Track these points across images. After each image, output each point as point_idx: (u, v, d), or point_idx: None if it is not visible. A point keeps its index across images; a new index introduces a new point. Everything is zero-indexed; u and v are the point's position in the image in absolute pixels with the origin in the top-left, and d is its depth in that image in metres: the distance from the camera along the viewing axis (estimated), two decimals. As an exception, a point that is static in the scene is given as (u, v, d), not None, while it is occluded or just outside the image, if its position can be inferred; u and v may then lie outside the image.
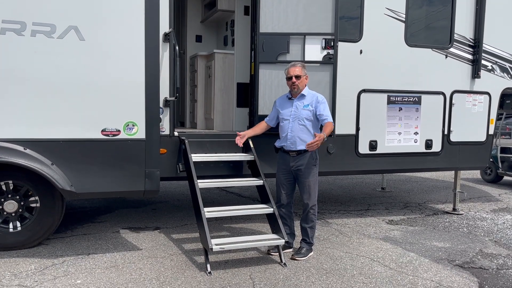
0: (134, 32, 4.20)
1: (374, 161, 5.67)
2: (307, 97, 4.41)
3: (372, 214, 6.41)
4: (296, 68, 4.37)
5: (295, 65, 4.41)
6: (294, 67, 4.38)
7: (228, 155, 4.88)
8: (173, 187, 8.06)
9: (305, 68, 4.45)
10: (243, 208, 4.67)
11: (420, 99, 5.78)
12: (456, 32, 5.89)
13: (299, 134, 4.36)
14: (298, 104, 4.40)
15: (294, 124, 4.37)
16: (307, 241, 4.49)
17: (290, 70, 4.38)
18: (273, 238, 4.33)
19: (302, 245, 4.50)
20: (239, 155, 4.89)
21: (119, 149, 4.26)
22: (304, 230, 4.50)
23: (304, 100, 4.40)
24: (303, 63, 4.51)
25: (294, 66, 4.40)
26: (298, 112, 4.38)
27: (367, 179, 9.67)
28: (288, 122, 4.41)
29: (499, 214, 6.66)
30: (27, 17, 3.92)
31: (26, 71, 3.96)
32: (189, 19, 6.99)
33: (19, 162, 3.99)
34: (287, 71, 4.43)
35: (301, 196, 4.48)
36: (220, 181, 4.71)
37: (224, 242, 4.11)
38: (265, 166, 4.83)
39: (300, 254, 4.41)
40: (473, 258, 4.60)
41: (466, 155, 6.13)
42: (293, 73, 4.35)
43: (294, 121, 4.38)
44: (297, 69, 4.36)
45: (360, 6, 5.38)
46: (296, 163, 4.40)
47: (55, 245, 4.61)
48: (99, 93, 4.16)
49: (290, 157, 4.43)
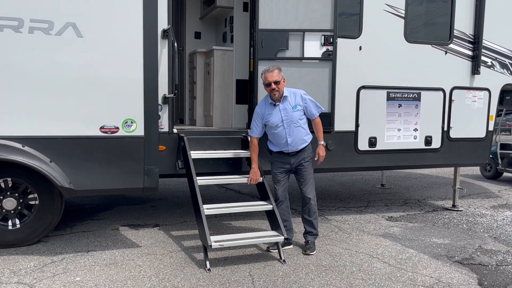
0: (133, 29, 4.18)
1: (374, 157, 5.67)
2: (289, 97, 4.36)
3: (371, 210, 6.41)
4: (274, 73, 4.24)
5: (271, 70, 4.27)
6: (271, 72, 4.25)
7: (227, 152, 4.87)
8: (172, 184, 8.05)
9: (281, 71, 4.33)
10: (243, 205, 4.66)
11: (419, 95, 5.76)
12: (456, 28, 5.87)
13: (298, 135, 4.38)
14: (285, 107, 4.34)
15: (291, 129, 4.35)
16: (313, 233, 4.52)
17: (268, 76, 4.25)
18: (272, 235, 4.32)
19: (308, 239, 4.52)
20: (238, 152, 4.89)
21: (117, 146, 4.25)
22: (309, 223, 4.51)
23: (289, 102, 4.35)
24: (278, 66, 4.37)
25: (271, 72, 4.25)
26: (290, 116, 4.33)
27: (366, 176, 9.67)
28: (282, 129, 4.35)
29: (498, 210, 6.66)
30: (25, 14, 3.90)
31: (24, 68, 3.95)
32: (188, 15, 6.97)
33: (17, 160, 3.98)
34: (264, 77, 4.30)
35: (302, 190, 4.48)
36: (219, 178, 4.70)
37: (223, 239, 4.11)
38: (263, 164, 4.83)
39: (311, 248, 4.46)
40: (472, 254, 4.60)
41: (465, 152, 6.12)
42: (271, 79, 4.23)
43: (289, 125, 4.34)
44: (274, 75, 4.23)
45: (360, 2, 5.35)
46: (297, 159, 4.42)
47: (54, 242, 4.61)
48: (97, 90, 4.14)
49: (289, 156, 4.43)
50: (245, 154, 4.82)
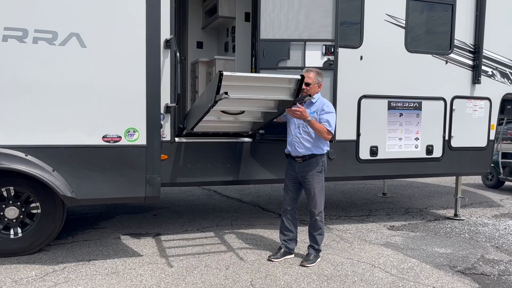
0: (135, 39, 4.22)
1: (375, 166, 5.67)
2: (315, 104, 4.37)
3: (373, 219, 6.40)
4: (309, 75, 4.29)
5: (308, 71, 4.34)
6: (307, 73, 4.30)
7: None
8: (174, 193, 8.06)
9: (320, 75, 4.36)
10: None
11: (420, 104, 5.78)
12: (456, 38, 5.90)
13: (303, 140, 4.36)
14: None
15: (299, 130, 4.38)
16: (315, 248, 4.49)
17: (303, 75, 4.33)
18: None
19: (309, 251, 4.50)
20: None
21: (120, 155, 4.27)
22: (313, 237, 4.49)
23: (312, 107, 4.37)
24: (318, 71, 4.40)
25: (307, 72, 4.32)
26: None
27: (368, 185, 9.66)
28: (294, 127, 4.42)
29: (500, 219, 6.64)
30: (29, 24, 3.94)
31: (28, 77, 3.98)
32: (190, 25, 7.02)
33: (20, 169, 4.00)
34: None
35: (308, 203, 4.48)
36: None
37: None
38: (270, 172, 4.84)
39: (308, 260, 4.41)
40: (474, 264, 4.59)
41: (467, 161, 6.13)
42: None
43: (299, 126, 4.38)
44: (309, 76, 4.28)
45: (360, 12, 5.39)
46: (302, 169, 4.40)
47: (56, 251, 4.61)
48: (100, 100, 4.17)
49: (296, 163, 4.44)
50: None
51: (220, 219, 6.19)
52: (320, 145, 4.37)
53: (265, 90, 4.00)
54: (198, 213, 6.47)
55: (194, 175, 4.94)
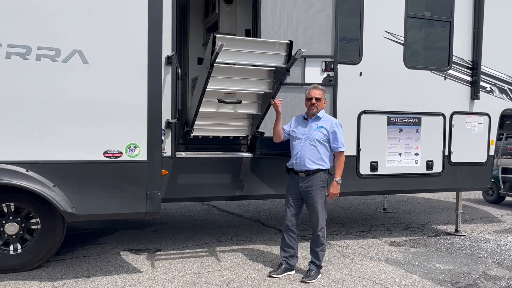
0: (137, 56, 4.26)
1: (375, 182, 5.68)
2: (322, 119, 4.49)
3: (374, 235, 6.37)
4: (318, 90, 4.49)
5: (318, 87, 4.53)
6: (316, 89, 4.50)
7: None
8: (174, 208, 8.03)
9: (326, 93, 4.59)
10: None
11: (420, 120, 5.82)
12: (455, 54, 5.96)
13: (308, 154, 4.39)
14: (312, 125, 4.47)
15: (305, 144, 4.42)
16: (316, 264, 4.47)
17: (312, 91, 4.48)
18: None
19: (311, 267, 4.47)
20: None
21: (121, 171, 4.28)
22: (314, 253, 4.48)
23: (319, 122, 4.47)
24: (324, 88, 4.59)
25: (316, 88, 4.52)
26: (311, 133, 4.43)
27: (368, 200, 9.63)
28: (300, 142, 4.46)
29: (502, 235, 6.61)
30: (32, 41, 3.98)
31: (31, 94, 4.00)
32: (191, 42, 7.09)
33: (21, 184, 4.00)
34: (308, 92, 4.52)
35: (310, 219, 4.48)
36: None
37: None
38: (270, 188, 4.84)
39: (309, 277, 4.37)
40: (476, 280, 4.56)
41: (467, 176, 6.13)
42: (314, 95, 4.45)
43: (305, 140, 4.43)
44: (318, 92, 4.47)
45: (360, 29, 5.46)
46: (305, 184, 4.40)
47: (55, 267, 4.58)
48: (101, 115, 4.20)
49: (299, 178, 4.44)
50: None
51: (220, 234, 6.16)
52: (325, 159, 4.43)
53: (257, 56, 4.40)
54: (198, 229, 6.45)
55: (194, 190, 4.94)
